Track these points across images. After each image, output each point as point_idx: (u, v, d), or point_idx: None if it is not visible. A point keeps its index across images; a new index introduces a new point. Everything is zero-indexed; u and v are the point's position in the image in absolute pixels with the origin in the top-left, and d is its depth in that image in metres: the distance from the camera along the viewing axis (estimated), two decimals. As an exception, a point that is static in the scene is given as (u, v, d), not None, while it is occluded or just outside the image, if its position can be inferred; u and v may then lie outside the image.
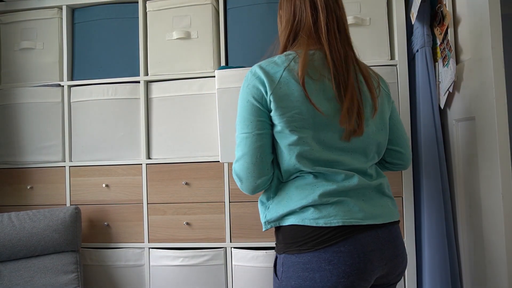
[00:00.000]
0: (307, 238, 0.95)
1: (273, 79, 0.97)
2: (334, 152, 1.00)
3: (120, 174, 1.80)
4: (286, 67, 0.98)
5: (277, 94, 0.96)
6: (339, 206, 0.96)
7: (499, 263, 1.22)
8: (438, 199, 1.56)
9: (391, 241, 0.99)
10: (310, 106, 0.96)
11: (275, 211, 1.01)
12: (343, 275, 0.91)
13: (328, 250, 0.92)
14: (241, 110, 1.02)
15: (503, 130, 1.19)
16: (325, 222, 0.94)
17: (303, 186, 0.99)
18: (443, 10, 1.54)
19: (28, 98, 1.88)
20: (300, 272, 0.94)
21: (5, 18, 1.93)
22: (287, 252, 0.98)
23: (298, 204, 0.97)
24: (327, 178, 0.99)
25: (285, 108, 0.96)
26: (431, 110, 1.59)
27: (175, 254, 1.73)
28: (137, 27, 1.84)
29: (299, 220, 0.96)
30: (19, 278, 1.61)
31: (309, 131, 0.97)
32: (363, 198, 0.99)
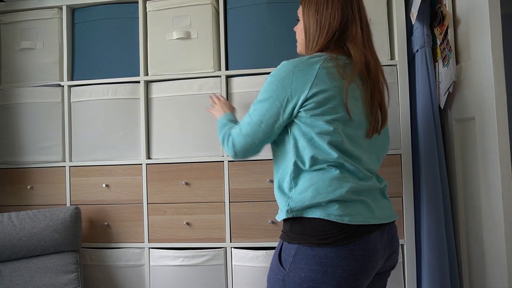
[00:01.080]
0: (328, 233, 0.98)
1: (312, 74, 1.03)
2: (357, 148, 1.07)
3: (120, 174, 1.80)
4: (321, 65, 1.04)
5: (313, 90, 1.02)
6: (361, 205, 1.02)
7: (499, 263, 1.22)
8: (437, 199, 1.56)
9: (391, 239, 1.08)
10: (342, 102, 1.03)
11: (300, 200, 1.02)
12: (353, 272, 0.97)
13: (345, 247, 0.97)
14: (270, 98, 1.07)
15: (503, 130, 1.19)
16: (349, 219, 0.98)
17: (331, 180, 1.02)
18: (443, 10, 1.54)
19: (28, 98, 1.88)
20: (313, 265, 0.97)
21: (5, 18, 1.93)
22: (303, 243, 1.00)
23: (326, 197, 1.00)
24: (352, 173, 1.04)
25: (320, 101, 1.02)
26: (431, 110, 1.59)
27: (175, 254, 1.73)
28: (137, 27, 1.84)
29: (325, 214, 0.99)
30: (19, 278, 1.61)
31: (340, 124, 1.04)
32: (372, 199, 1.06)
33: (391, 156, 1.66)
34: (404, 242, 1.65)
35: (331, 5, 1.10)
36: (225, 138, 1.18)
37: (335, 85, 1.04)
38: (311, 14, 1.14)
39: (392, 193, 1.66)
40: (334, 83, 1.03)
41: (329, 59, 1.06)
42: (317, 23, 1.12)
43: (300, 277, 0.98)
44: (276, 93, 1.06)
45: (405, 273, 1.66)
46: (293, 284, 0.99)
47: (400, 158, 1.66)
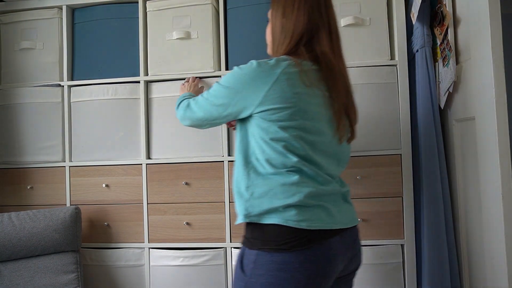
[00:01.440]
0: (287, 239, 0.98)
1: (271, 78, 1.02)
2: (317, 154, 1.06)
3: (120, 174, 1.80)
4: (283, 70, 1.02)
5: (272, 94, 1.01)
6: (319, 210, 1.01)
7: (499, 263, 1.22)
8: (438, 199, 1.56)
9: (352, 243, 1.08)
10: (302, 109, 1.02)
11: (258, 205, 1.02)
12: (313, 276, 0.97)
13: (304, 252, 0.97)
14: (228, 88, 1.07)
15: (503, 130, 1.19)
16: (307, 225, 0.98)
17: (289, 185, 1.01)
18: (443, 10, 1.54)
19: (28, 98, 1.88)
20: (273, 271, 0.97)
21: (5, 18, 1.93)
22: (263, 249, 0.99)
23: (283, 202, 0.99)
24: (311, 178, 1.04)
25: (277, 108, 1.01)
26: (431, 110, 1.59)
27: (175, 254, 1.73)
28: (137, 27, 1.84)
29: (283, 220, 0.99)
30: (19, 278, 1.61)
31: (297, 131, 1.02)
32: (333, 204, 1.06)
33: (391, 156, 1.67)
34: (404, 242, 1.65)
35: (297, 9, 1.08)
36: (182, 102, 1.23)
37: (295, 92, 1.02)
38: (278, 16, 1.12)
39: (392, 193, 1.66)
40: (293, 89, 1.02)
41: (293, 64, 1.04)
42: (283, 27, 1.10)
43: (260, 283, 0.98)
44: (235, 87, 1.06)
45: (405, 273, 1.66)
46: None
47: (400, 158, 1.66)
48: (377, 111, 1.67)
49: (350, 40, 1.70)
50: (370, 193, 1.67)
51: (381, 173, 1.67)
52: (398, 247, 1.66)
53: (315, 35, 1.08)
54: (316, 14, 1.08)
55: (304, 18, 1.08)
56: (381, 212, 1.66)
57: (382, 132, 1.67)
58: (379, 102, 1.67)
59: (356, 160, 1.67)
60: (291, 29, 1.09)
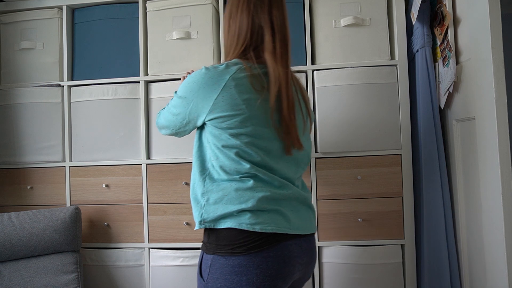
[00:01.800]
0: (241, 242, 0.98)
1: (219, 85, 1.00)
2: (272, 159, 1.05)
3: (120, 174, 1.80)
4: (231, 76, 1.01)
5: (220, 101, 1.00)
6: (274, 214, 1.01)
7: (498, 263, 1.22)
8: (437, 199, 1.56)
9: (309, 249, 1.08)
10: (252, 115, 1.01)
11: (213, 211, 1.02)
12: (268, 278, 0.97)
13: (258, 254, 0.97)
14: (181, 98, 1.07)
15: (503, 130, 1.19)
16: (261, 228, 0.98)
17: (244, 191, 1.01)
18: (443, 10, 1.54)
19: (28, 98, 1.88)
20: (227, 274, 0.97)
21: (5, 18, 1.93)
22: (218, 253, 1.00)
23: (237, 207, 0.99)
24: (265, 183, 1.03)
25: (227, 115, 1.01)
26: (431, 110, 1.59)
27: (175, 254, 1.72)
28: (137, 27, 1.84)
29: (237, 224, 0.99)
30: (19, 278, 1.61)
31: (248, 137, 1.02)
32: (292, 209, 1.05)
33: (391, 156, 1.67)
34: (404, 242, 1.65)
35: (241, 12, 1.07)
36: (159, 112, 1.25)
37: (244, 98, 1.00)
38: (226, 19, 1.12)
39: (392, 193, 1.66)
40: (243, 95, 1.00)
41: (243, 69, 1.02)
42: (229, 30, 1.09)
43: (217, 287, 0.98)
44: (186, 96, 1.06)
45: (405, 273, 1.66)
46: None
47: (400, 158, 1.66)
48: (377, 111, 1.67)
49: (350, 40, 1.71)
50: (370, 193, 1.67)
51: (381, 173, 1.67)
52: (398, 247, 1.66)
53: (261, 37, 1.06)
54: (260, 18, 1.06)
55: (248, 21, 1.06)
56: (381, 212, 1.66)
57: (382, 132, 1.67)
58: (379, 102, 1.67)
59: (356, 160, 1.68)
60: (237, 32, 1.07)
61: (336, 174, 1.68)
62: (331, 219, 1.68)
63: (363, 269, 1.65)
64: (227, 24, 1.11)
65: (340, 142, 1.68)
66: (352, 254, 1.66)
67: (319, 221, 1.69)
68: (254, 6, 1.06)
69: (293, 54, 1.73)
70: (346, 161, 1.68)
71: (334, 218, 1.68)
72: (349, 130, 1.68)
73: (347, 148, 1.68)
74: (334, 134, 1.68)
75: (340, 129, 1.68)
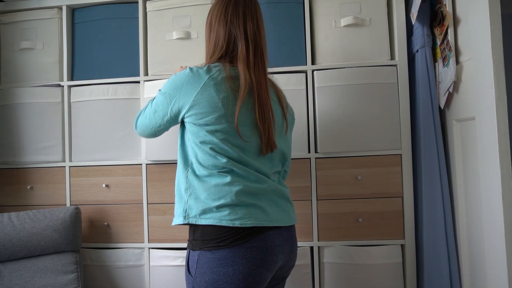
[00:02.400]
0: (224, 236, 1.05)
1: (199, 83, 1.09)
2: (247, 154, 1.12)
3: (120, 174, 1.80)
4: (211, 76, 1.10)
5: (199, 98, 1.09)
6: (252, 208, 1.08)
7: (498, 263, 1.22)
8: (438, 199, 1.56)
9: (290, 238, 1.15)
10: (228, 113, 1.08)
11: (195, 207, 1.09)
12: (254, 267, 1.04)
13: (242, 246, 1.04)
14: (164, 94, 1.15)
15: (503, 130, 1.19)
16: (241, 223, 1.05)
17: (222, 186, 1.08)
18: (443, 10, 1.54)
19: (28, 98, 1.87)
20: (214, 267, 1.04)
21: (5, 18, 1.93)
22: (204, 248, 1.06)
23: (216, 203, 1.06)
24: (242, 178, 1.10)
25: (205, 112, 1.08)
26: (431, 110, 1.59)
27: (175, 254, 1.72)
28: (137, 27, 1.84)
29: (217, 220, 1.06)
30: (19, 278, 1.61)
31: (224, 134, 1.09)
32: (269, 203, 1.12)
33: (391, 156, 1.67)
34: (404, 242, 1.65)
35: (218, 22, 1.18)
36: (138, 116, 1.30)
37: (221, 97, 1.08)
38: (206, 29, 1.23)
39: (392, 193, 1.66)
40: (220, 94, 1.08)
41: (222, 70, 1.12)
42: (210, 40, 1.20)
43: (205, 281, 1.04)
44: (170, 92, 1.14)
45: (405, 273, 1.66)
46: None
47: (400, 158, 1.66)
48: (377, 111, 1.67)
49: (350, 40, 1.71)
50: (370, 193, 1.67)
51: (381, 173, 1.67)
52: (398, 247, 1.67)
53: (236, 47, 1.16)
54: (234, 27, 1.16)
55: (225, 31, 1.16)
56: (381, 212, 1.66)
57: (382, 132, 1.67)
58: (379, 102, 1.67)
59: (356, 160, 1.68)
60: (214, 41, 1.18)
61: (336, 174, 1.68)
62: (331, 219, 1.68)
63: (363, 269, 1.65)
64: (207, 32, 1.22)
65: (340, 142, 1.68)
66: (352, 254, 1.66)
67: (319, 221, 1.69)
68: (230, 18, 1.16)
69: (293, 54, 1.74)
70: (346, 161, 1.68)
71: (334, 218, 1.68)
72: (349, 130, 1.68)
73: (347, 148, 1.68)
74: (334, 134, 1.68)
75: (340, 129, 1.68)
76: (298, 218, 1.27)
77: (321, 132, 1.69)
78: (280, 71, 1.71)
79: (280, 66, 1.71)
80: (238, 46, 1.15)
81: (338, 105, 1.68)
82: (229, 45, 1.16)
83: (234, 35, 1.16)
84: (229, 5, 1.17)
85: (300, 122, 1.70)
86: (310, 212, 1.69)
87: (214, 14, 1.21)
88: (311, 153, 1.70)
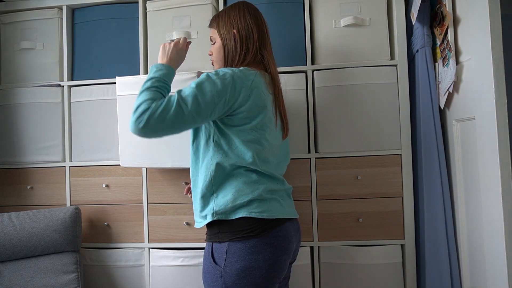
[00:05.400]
0: (252, 228, 1.12)
1: (247, 85, 1.14)
2: (271, 155, 1.23)
3: (120, 174, 1.80)
4: (254, 77, 1.17)
5: (247, 98, 1.13)
6: (275, 202, 1.18)
7: (499, 263, 1.22)
8: (438, 199, 1.56)
9: (298, 229, 1.28)
10: (266, 112, 1.19)
11: (224, 203, 1.14)
12: (280, 254, 1.14)
13: (269, 235, 1.13)
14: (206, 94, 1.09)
15: (503, 130, 1.19)
16: (268, 215, 1.14)
17: (249, 183, 1.16)
18: (443, 10, 1.54)
19: (28, 98, 1.88)
20: (246, 255, 1.10)
21: (5, 18, 1.93)
22: (233, 239, 1.12)
23: (246, 198, 1.14)
24: (266, 177, 1.19)
25: (251, 111, 1.15)
26: (431, 110, 1.59)
27: (175, 254, 1.72)
28: (137, 27, 1.84)
29: (247, 212, 1.13)
30: (19, 278, 1.61)
31: (263, 133, 1.18)
32: (282, 198, 1.23)
33: (391, 156, 1.67)
34: (404, 242, 1.65)
35: (243, 19, 1.25)
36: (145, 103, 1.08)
37: (264, 98, 1.18)
38: (228, 30, 1.25)
39: (392, 193, 1.66)
40: (263, 96, 1.17)
41: (259, 74, 1.20)
42: (235, 38, 1.24)
43: (236, 269, 1.10)
44: (220, 88, 1.10)
45: (405, 273, 1.66)
46: (231, 277, 1.10)
47: (400, 158, 1.66)
48: (377, 111, 1.67)
49: (350, 40, 1.71)
50: (370, 193, 1.67)
51: (381, 173, 1.67)
52: (398, 247, 1.67)
53: (264, 42, 1.27)
54: (260, 22, 1.27)
55: (255, 26, 1.25)
56: (381, 212, 1.66)
57: (382, 132, 1.67)
58: (379, 102, 1.67)
59: (356, 160, 1.68)
60: (244, 38, 1.24)
61: (336, 174, 1.68)
62: (331, 219, 1.68)
63: (363, 269, 1.65)
64: (230, 34, 1.26)
65: (340, 142, 1.68)
66: (352, 254, 1.66)
67: (319, 221, 1.69)
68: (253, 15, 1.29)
69: (293, 54, 1.74)
70: (346, 161, 1.68)
71: (334, 218, 1.68)
72: (349, 130, 1.68)
73: (347, 148, 1.68)
74: (334, 134, 1.68)
75: (340, 129, 1.68)
76: (298, 218, 1.32)
77: (321, 132, 1.69)
78: (280, 71, 1.70)
79: (280, 66, 1.71)
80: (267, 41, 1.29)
81: (338, 105, 1.68)
82: (260, 40, 1.27)
83: (262, 30, 1.27)
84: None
85: (300, 122, 1.70)
86: (310, 212, 1.69)
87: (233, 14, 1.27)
88: (311, 153, 1.70)
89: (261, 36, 1.26)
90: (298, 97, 1.70)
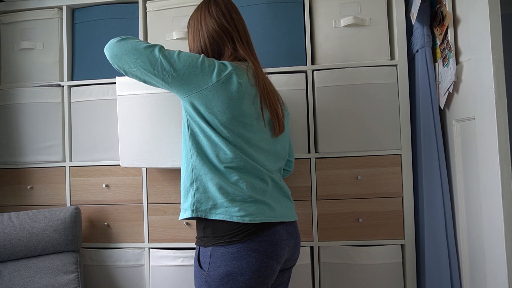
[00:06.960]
0: (235, 232, 1.09)
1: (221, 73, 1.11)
2: (257, 151, 1.16)
3: (120, 174, 1.80)
4: (232, 70, 1.13)
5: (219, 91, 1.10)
6: (261, 204, 1.12)
7: (499, 263, 1.22)
8: (437, 199, 1.56)
9: (294, 233, 1.21)
10: (247, 108, 1.13)
11: (205, 201, 1.12)
12: (265, 259, 1.09)
13: (254, 240, 1.08)
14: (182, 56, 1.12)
15: (503, 130, 1.19)
16: (250, 219, 1.09)
17: (231, 181, 1.11)
18: (443, 10, 1.54)
19: (28, 98, 1.88)
20: (229, 261, 1.08)
21: (5, 18, 1.93)
22: (216, 244, 1.10)
23: (227, 197, 1.10)
24: (250, 175, 1.13)
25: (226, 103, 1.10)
26: (431, 110, 1.59)
27: (175, 254, 1.73)
28: (137, 27, 1.84)
29: (228, 216, 1.09)
30: (19, 278, 1.61)
31: (244, 129, 1.13)
32: (274, 200, 1.17)
33: (391, 156, 1.67)
34: (404, 242, 1.65)
35: (204, 24, 1.23)
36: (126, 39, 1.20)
37: (243, 92, 1.12)
38: (194, 40, 1.25)
39: (392, 193, 1.66)
40: (241, 89, 1.12)
41: (239, 68, 1.15)
42: (201, 47, 1.23)
43: (219, 274, 1.08)
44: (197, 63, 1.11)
45: (405, 273, 1.66)
46: (214, 282, 1.08)
47: (400, 158, 1.67)
48: (377, 111, 1.67)
49: (350, 40, 1.71)
50: (370, 193, 1.67)
51: (381, 173, 1.67)
52: (398, 247, 1.67)
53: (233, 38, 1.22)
54: (226, 19, 1.22)
55: (217, 22, 1.21)
56: (381, 212, 1.66)
57: (382, 132, 1.67)
58: (379, 102, 1.67)
59: (356, 160, 1.68)
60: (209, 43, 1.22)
61: (336, 174, 1.68)
62: (331, 219, 1.68)
63: (363, 269, 1.65)
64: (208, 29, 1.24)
65: (340, 142, 1.68)
66: (352, 254, 1.66)
67: (319, 221, 1.69)
68: (221, 12, 1.25)
69: (293, 54, 1.74)
70: (346, 161, 1.68)
71: (334, 218, 1.68)
72: (349, 130, 1.68)
73: (347, 148, 1.68)
74: (334, 134, 1.68)
75: (340, 129, 1.68)
76: (298, 218, 1.29)
77: (321, 132, 1.69)
78: (280, 71, 1.71)
79: (280, 66, 1.71)
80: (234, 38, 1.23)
81: (338, 105, 1.68)
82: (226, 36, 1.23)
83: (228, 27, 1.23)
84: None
85: (300, 122, 1.70)
86: (310, 212, 1.69)
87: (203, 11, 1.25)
88: (311, 153, 1.70)
89: (227, 33, 1.21)
90: (298, 97, 1.70)
